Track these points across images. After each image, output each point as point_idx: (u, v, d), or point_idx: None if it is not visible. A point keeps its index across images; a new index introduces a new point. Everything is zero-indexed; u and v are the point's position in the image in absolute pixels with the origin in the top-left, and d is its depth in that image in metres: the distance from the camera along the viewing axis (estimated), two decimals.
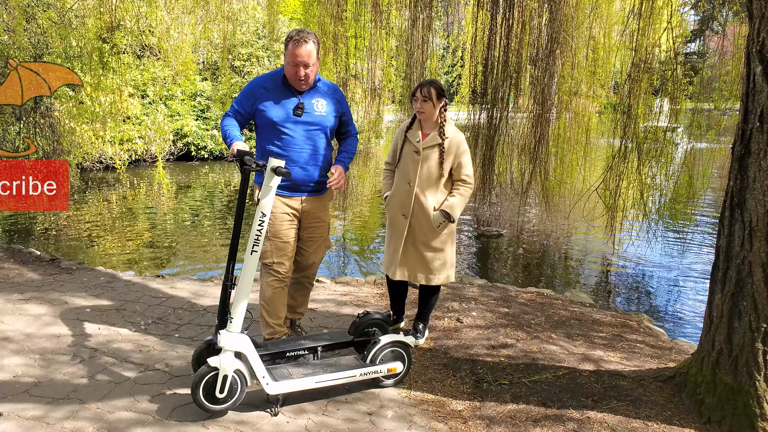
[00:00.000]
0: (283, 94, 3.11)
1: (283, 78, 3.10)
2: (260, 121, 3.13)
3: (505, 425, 2.64)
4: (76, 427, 2.53)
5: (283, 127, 3.08)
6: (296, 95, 3.11)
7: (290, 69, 3.01)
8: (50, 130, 7.05)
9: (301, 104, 3.10)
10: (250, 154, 2.70)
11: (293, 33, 2.99)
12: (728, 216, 2.67)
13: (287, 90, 3.11)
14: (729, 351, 2.62)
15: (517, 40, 6.78)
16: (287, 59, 3.01)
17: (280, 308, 3.24)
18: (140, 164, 13.72)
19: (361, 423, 2.67)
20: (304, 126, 3.12)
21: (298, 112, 3.09)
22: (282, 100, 3.10)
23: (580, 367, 3.20)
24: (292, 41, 2.96)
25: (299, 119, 3.10)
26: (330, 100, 3.21)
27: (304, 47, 2.94)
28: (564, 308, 4.36)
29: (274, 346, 2.99)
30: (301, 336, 3.38)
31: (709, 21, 12.34)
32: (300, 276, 3.41)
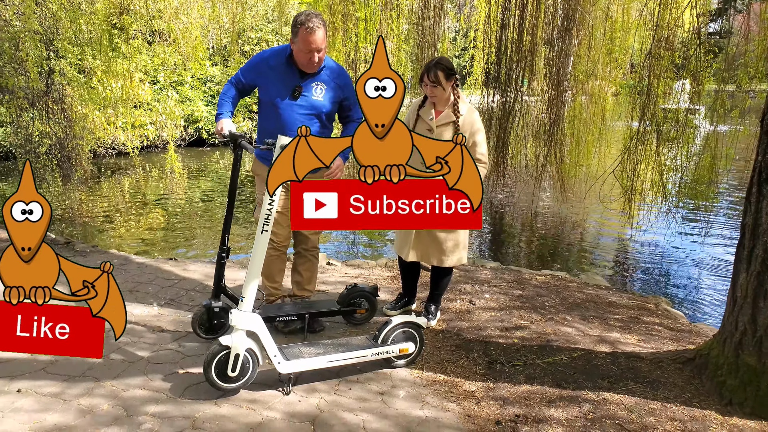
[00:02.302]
0: (285, 73, 3.12)
1: (288, 57, 3.10)
2: (260, 97, 3.21)
3: (519, 406, 2.60)
4: (91, 403, 2.55)
5: (279, 107, 3.12)
6: (298, 77, 3.12)
7: (303, 55, 3.01)
8: (63, 116, 7.06)
9: (299, 87, 3.12)
10: (243, 136, 2.73)
11: (303, 18, 2.97)
12: (756, 192, 2.57)
13: (290, 70, 3.12)
14: (753, 332, 2.54)
15: (532, 18, 6.62)
16: (300, 45, 2.99)
17: (277, 273, 3.43)
18: (152, 150, 13.78)
19: (373, 402, 2.64)
20: (298, 108, 3.15)
21: (295, 95, 3.12)
22: (283, 79, 3.12)
23: (595, 348, 3.15)
24: (304, 28, 2.94)
25: (295, 102, 3.12)
26: (332, 86, 3.20)
27: (317, 33, 2.94)
28: (579, 291, 4.29)
29: (265, 312, 3.13)
30: (291, 303, 3.47)
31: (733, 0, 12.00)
32: (301, 248, 3.49)
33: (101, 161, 12.46)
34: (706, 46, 5.75)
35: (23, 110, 6.39)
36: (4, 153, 11.63)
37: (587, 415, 2.50)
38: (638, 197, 5.92)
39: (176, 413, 2.49)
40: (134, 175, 11.54)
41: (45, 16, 6.15)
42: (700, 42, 5.58)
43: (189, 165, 12.82)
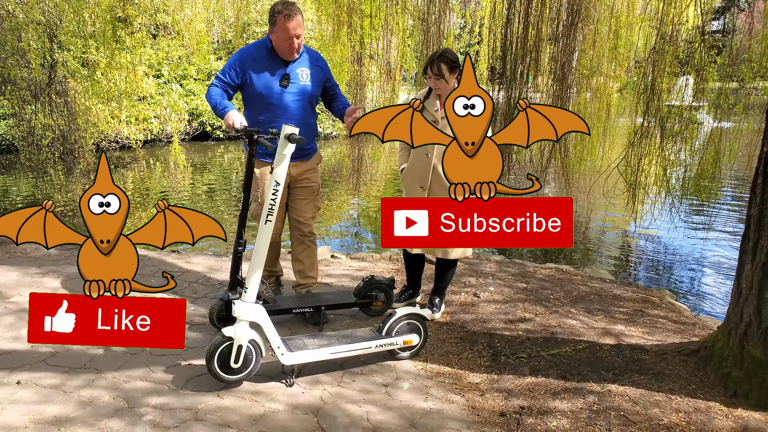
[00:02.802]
0: (270, 64, 3.20)
1: (268, 49, 3.19)
2: (248, 91, 3.23)
3: (523, 398, 2.59)
4: (92, 395, 2.54)
5: (271, 97, 3.19)
6: (282, 65, 3.21)
7: (283, 42, 3.10)
8: (66, 109, 7.05)
9: (287, 75, 3.20)
10: (257, 131, 2.72)
11: (280, 7, 3.06)
12: (761, 183, 2.55)
13: (273, 60, 3.20)
14: (758, 323, 2.52)
15: (537, 14, 6.57)
16: (279, 33, 3.08)
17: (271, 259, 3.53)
18: (156, 144, 13.77)
19: (377, 394, 2.63)
20: (290, 95, 3.23)
21: (284, 83, 3.20)
22: (269, 70, 3.20)
23: (600, 341, 3.13)
24: (282, 15, 3.03)
25: (285, 89, 3.21)
26: (314, 69, 3.31)
27: (296, 19, 3.05)
28: (583, 284, 4.27)
29: (282, 303, 3.21)
30: (307, 294, 3.53)
31: None
32: (297, 234, 3.54)
33: (105, 155, 12.45)
34: (710, 41, 5.71)
35: (26, 102, 6.38)
36: (6, 146, 11.65)
37: (592, 407, 2.48)
38: (642, 192, 5.90)
39: (178, 405, 2.48)
40: (138, 169, 11.54)
41: (48, 7, 6.14)
42: (703, 38, 5.55)
43: (193, 159, 12.81)
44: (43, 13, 6.05)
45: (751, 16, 7.90)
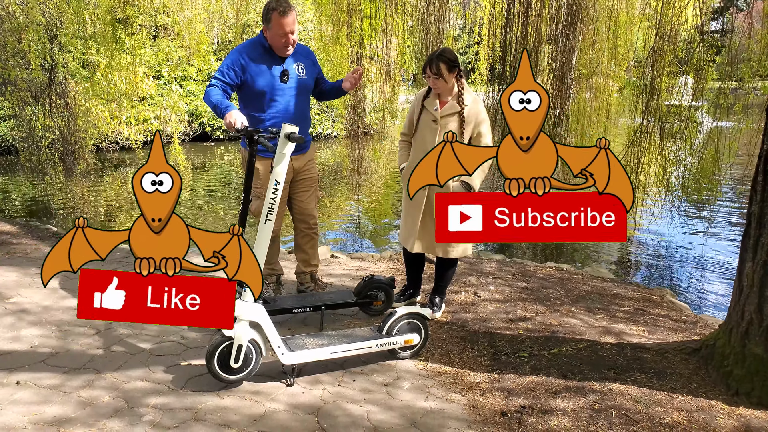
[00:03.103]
0: (268, 61, 3.25)
1: (264, 47, 3.24)
2: (249, 89, 3.25)
3: (524, 397, 2.58)
4: (92, 395, 2.53)
5: (273, 94, 3.25)
6: (279, 62, 3.27)
7: (278, 39, 3.16)
8: (66, 110, 7.05)
9: (286, 70, 3.28)
10: (257, 131, 2.71)
11: (274, 4, 3.12)
12: (761, 181, 2.55)
13: (270, 57, 3.25)
14: (759, 321, 2.51)
15: (536, 14, 6.58)
16: (274, 30, 3.14)
17: (271, 255, 3.59)
18: None
19: (378, 394, 2.63)
20: (290, 90, 3.30)
21: (284, 79, 3.27)
22: (268, 67, 3.25)
23: (601, 340, 3.12)
24: (277, 12, 3.09)
25: (285, 85, 3.28)
26: (308, 63, 3.40)
27: (290, 16, 3.12)
28: (584, 283, 4.26)
29: (282, 302, 3.23)
30: (307, 294, 3.59)
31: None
32: (303, 227, 3.63)
33: (105, 155, 12.46)
34: (709, 41, 5.72)
35: (26, 104, 6.38)
36: (6, 147, 11.64)
37: (593, 406, 2.48)
38: (642, 191, 5.90)
39: (178, 405, 2.47)
40: (135, 168, 11.53)
41: (49, 8, 6.13)
42: (702, 37, 5.55)
43: (193, 159, 12.81)
44: (44, 14, 6.05)
45: (750, 16, 7.91)
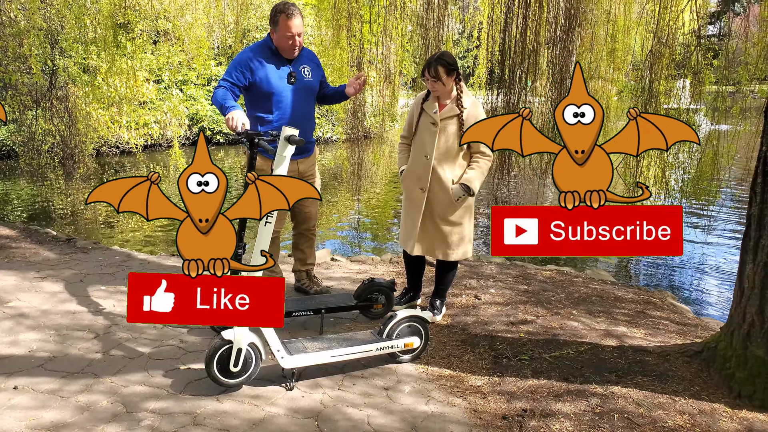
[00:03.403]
0: (275, 63, 3.31)
1: (271, 49, 3.30)
2: (257, 91, 3.30)
3: (525, 400, 2.57)
4: (90, 400, 2.52)
5: (281, 95, 3.30)
6: (286, 63, 3.34)
7: (285, 41, 3.23)
8: (66, 114, 7.05)
9: (293, 73, 3.34)
10: (258, 134, 2.71)
11: (282, 7, 3.19)
12: (761, 182, 2.54)
13: (277, 59, 3.31)
14: (761, 323, 2.50)
15: (535, 18, 6.59)
16: (282, 32, 3.21)
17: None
18: (156, 149, 13.77)
19: (378, 398, 2.61)
20: (297, 92, 3.35)
21: (291, 80, 3.33)
22: (275, 69, 3.30)
23: (602, 342, 3.11)
24: (284, 15, 3.16)
25: (293, 86, 3.33)
26: (313, 66, 3.47)
27: (297, 18, 3.19)
28: (585, 285, 4.25)
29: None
30: (307, 297, 3.61)
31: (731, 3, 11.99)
32: (302, 229, 3.73)
33: (105, 160, 12.46)
34: (706, 44, 5.73)
35: (27, 108, 6.38)
36: (6, 152, 11.64)
37: (595, 409, 2.46)
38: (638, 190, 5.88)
39: (177, 409, 2.46)
40: (138, 174, 11.53)
41: (50, 13, 6.15)
42: (700, 41, 5.57)
43: None
44: (45, 19, 6.06)
45: (747, 20, 7.94)
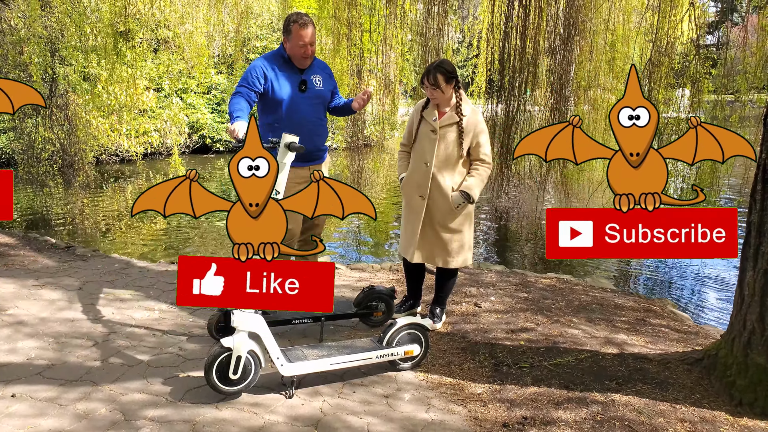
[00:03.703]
0: (287, 72, 3.36)
1: (284, 58, 3.36)
2: (268, 98, 3.34)
3: (526, 408, 2.56)
4: (88, 408, 2.50)
5: (291, 102, 3.33)
6: (298, 72, 3.38)
7: (298, 49, 3.29)
8: (66, 122, 7.07)
9: (304, 81, 3.38)
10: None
11: (295, 17, 3.28)
12: (760, 190, 2.54)
13: (290, 69, 3.37)
14: (762, 330, 2.50)
15: (534, 27, 6.63)
16: (294, 41, 3.27)
17: None
18: (156, 157, 13.79)
19: (378, 405, 2.60)
20: (308, 101, 3.39)
21: (302, 88, 3.37)
22: (288, 78, 3.36)
23: (603, 350, 3.10)
24: (297, 24, 3.24)
25: (304, 95, 3.37)
26: (324, 76, 3.51)
27: (310, 28, 3.26)
28: (585, 293, 4.25)
29: (281, 313, 3.20)
30: None
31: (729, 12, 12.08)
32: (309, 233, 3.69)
33: (104, 168, 12.47)
34: (705, 53, 5.77)
35: (27, 116, 6.40)
36: (6, 160, 11.65)
37: (596, 417, 2.45)
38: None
39: (176, 417, 2.44)
40: (138, 182, 11.54)
41: (50, 21, 6.18)
42: (698, 50, 5.61)
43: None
44: (45, 27, 6.09)
45: (745, 30, 7.99)
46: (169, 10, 6.74)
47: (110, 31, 6.24)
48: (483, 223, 8.45)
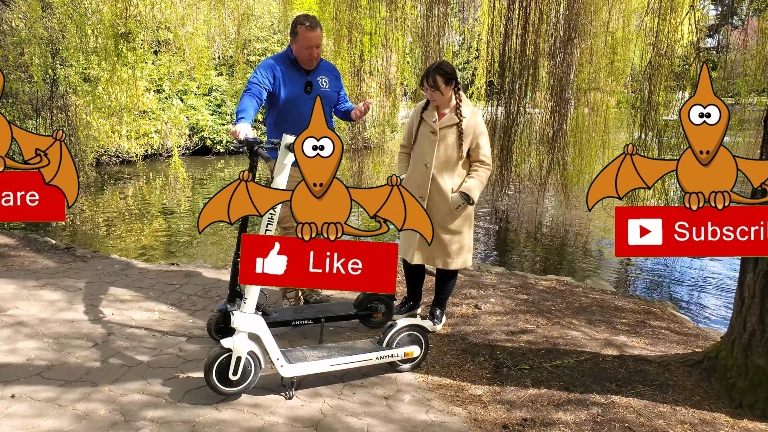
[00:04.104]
0: (294, 73, 3.41)
1: (291, 59, 3.41)
2: (276, 98, 3.39)
3: (526, 409, 2.56)
4: (88, 408, 2.50)
5: (297, 103, 3.36)
6: (304, 74, 3.43)
7: (304, 51, 3.33)
8: (67, 123, 7.07)
9: (310, 82, 3.44)
10: (258, 143, 2.73)
11: (302, 19, 3.33)
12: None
13: (296, 70, 3.42)
14: (762, 332, 2.50)
15: (534, 29, 6.63)
16: (300, 43, 3.31)
17: None
18: (156, 158, 13.79)
19: (378, 407, 2.60)
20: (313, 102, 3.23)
21: (308, 89, 3.42)
22: (294, 79, 3.41)
23: (603, 352, 3.10)
24: (304, 26, 3.27)
25: (309, 96, 3.41)
26: (331, 77, 3.55)
27: (316, 31, 3.30)
28: (585, 295, 4.25)
29: (281, 314, 3.23)
30: (307, 307, 3.56)
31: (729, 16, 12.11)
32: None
33: (105, 169, 12.48)
34: (705, 56, 5.78)
35: (27, 117, 6.40)
36: None
37: (596, 419, 2.45)
38: (642, 204, 5.90)
39: (176, 418, 2.44)
40: (138, 183, 11.54)
41: (51, 22, 6.19)
42: (698, 53, 5.62)
43: (193, 173, 12.83)
44: (46, 28, 6.10)
45: (745, 33, 8.01)
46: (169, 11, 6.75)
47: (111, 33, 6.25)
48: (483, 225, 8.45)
